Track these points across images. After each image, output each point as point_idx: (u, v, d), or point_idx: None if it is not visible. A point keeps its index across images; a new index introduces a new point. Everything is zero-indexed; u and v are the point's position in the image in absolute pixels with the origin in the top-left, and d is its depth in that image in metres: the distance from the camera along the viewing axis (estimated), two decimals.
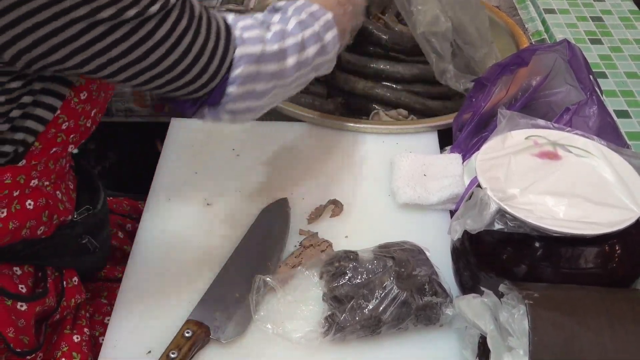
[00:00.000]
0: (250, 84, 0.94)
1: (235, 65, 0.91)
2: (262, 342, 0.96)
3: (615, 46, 1.61)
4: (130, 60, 0.82)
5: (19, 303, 0.94)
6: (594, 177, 0.92)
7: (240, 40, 0.92)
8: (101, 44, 0.78)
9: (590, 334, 0.74)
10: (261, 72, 0.94)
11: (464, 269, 0.96)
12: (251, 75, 0.93)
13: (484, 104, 1.23)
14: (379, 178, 1.23)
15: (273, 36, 0.95)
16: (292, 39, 0.97)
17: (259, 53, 0.93)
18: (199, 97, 0.93)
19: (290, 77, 0.99)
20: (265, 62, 0.94)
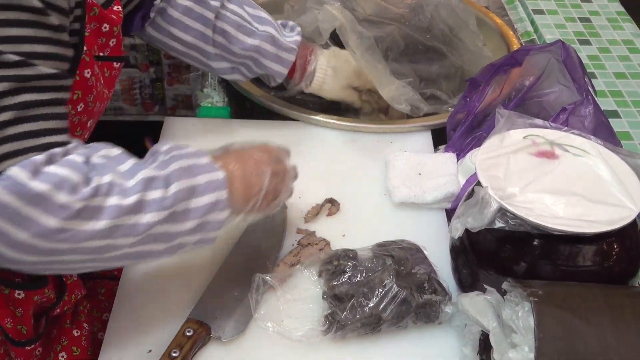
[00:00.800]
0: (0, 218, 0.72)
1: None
2: (263, 340, 0.96)
3: (604, 47, 1.63)
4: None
5: (16, 291, 0.93)
6: (591, 176, 0.93)
7: (31, 163, 0.73)
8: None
9: (593, 329, 0.75)
10: (23, 216, 0.72)
11: (463, 267, 0.97)
12: (5, 207, 0.71)
13: (477, 103, 1.24)
14: (374, 177, 1.24)
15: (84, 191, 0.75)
16: (115, 199, 0.77)
17: (34, 194, 0.72)
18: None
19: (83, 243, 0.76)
20: (36, 208, 0.72)
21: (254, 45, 1.20)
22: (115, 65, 1.01)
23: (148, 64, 1.64)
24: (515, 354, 0.77)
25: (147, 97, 1.73)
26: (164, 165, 0.83)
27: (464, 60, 1.47)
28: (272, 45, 1.22)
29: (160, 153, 0.86)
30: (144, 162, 0.84)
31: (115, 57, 1.00)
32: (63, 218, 0.73)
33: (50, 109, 0.77)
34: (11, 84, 0.73)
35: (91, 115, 0.94)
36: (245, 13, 1.20)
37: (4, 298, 0.92)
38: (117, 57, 1.00)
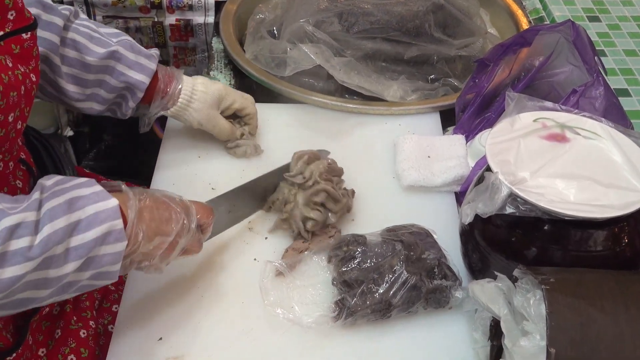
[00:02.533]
0: None
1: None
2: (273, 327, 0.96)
3: (614, 24, 1.61)
4: None
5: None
6: (603, 159, 0.92)
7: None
8: None
9: (606, 317, 0.74)
10: None
11: (473, 252, 0.97)
12: None
13: (486, 84, 1.23)
14: (382, 160, 1.23)
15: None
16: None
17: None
18: None
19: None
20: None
21: (109, 52, 1.07)
22: (24, 36, 0.87)
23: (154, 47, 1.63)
24: (527, 342, 0.76)
25: None
26: (36, 205, 0.75)
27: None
28: (131, 51, 1.09)
29: (39, 190, 0.78)
30: (17, 204, 0.75)
31: (21, 28, 0.87)
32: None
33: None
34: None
35: (9, 110, 0.82)
36: (96, 26, 1.08)
37: None
38: (23, 28, 0.87)
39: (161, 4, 1.56)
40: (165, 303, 0.99)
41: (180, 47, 1.64)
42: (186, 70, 1.66)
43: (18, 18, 0.86)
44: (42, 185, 0.78)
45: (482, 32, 1.45)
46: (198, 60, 1.65)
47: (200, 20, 1.59)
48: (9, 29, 0.85)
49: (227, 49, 1.45)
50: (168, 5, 1.57)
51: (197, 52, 1.64)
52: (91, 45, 1.06)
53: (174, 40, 1.62)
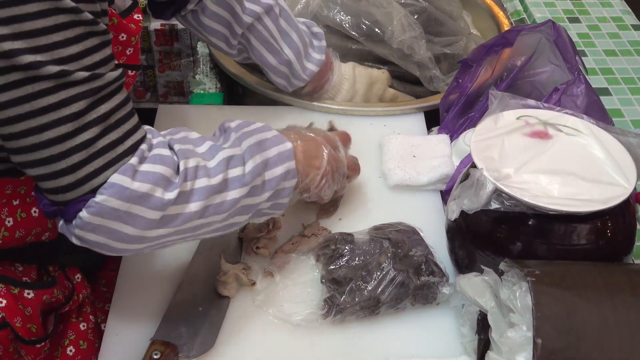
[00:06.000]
0: (108, 220, 0.78)
1: (101, 190, 0.76)
2: (263, 326, 0.97)
3: (593, 24, 1.64)
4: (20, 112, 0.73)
5: (25, 291, 0.94)
6: (585, 155, 0.94)
7: (129, 167, 0.78)
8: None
9: (591, 306, 0.76)
10: (132, 214, 0.78)
11: (459, 248, 0.98)
12: (113, 211, 0.77)
13: (470, 84, 1.25)
14: (368, 160, 1.24)
15: (176, 181, 0.81)
16: (203, 181, 0.83)
17: (139, 194, 0.78)
18: (57, 202, 0.79)
19: (181, 226, 0.83)
20: (141, 206, 0.78)
21: (270, 64, 1.22)
22: (130, 73, 1.01)
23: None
24: (513, 333, 0.78)
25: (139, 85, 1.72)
26: (238, 142, 0.89)
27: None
28: (287, 68, 1.23)
29: (231, 130, 0.91)
30: (218, 141, 0.90)
31: (131, 65, 1.01)
32: (164, 209, 0.80)
33: (124, 110, 0.79)
34: (87, 100, 0.75)
35: None
36: (276, 30, 1.19)
37: (13, 297, 0.92)
38: (132, 65, 1.01)
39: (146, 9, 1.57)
40: (155, 303, 0.99)
41: (165, 52, 1.65)
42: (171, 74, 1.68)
43: (132, 57, 1.00)
44: (228, 127, 0.93)
45: (466, 33, 1.47)
46: (183, 65, 1.66)
47: None
48: (122, 62, 0.98)
49: (213, 53, 1.46)
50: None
51: (182, 56, 1.65)
52: (262, 50, 1.21)
53: (159, 45, 1.63)
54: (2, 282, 0.93)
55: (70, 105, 0.74)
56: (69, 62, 0.73)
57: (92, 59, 0.76)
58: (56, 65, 0.72)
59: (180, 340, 0.93)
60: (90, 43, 0.76)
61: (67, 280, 1.02)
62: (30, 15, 0.70)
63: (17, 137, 0.74)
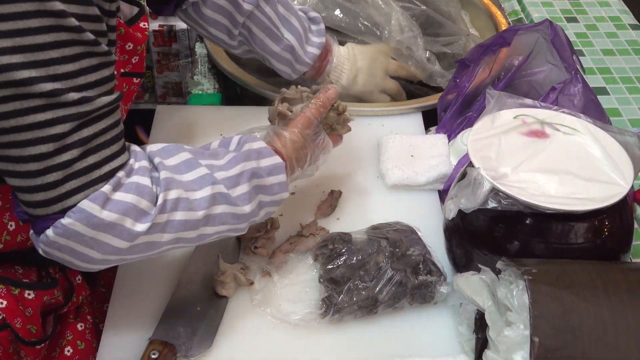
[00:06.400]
0: (73, 242, 0.78)
1: (69, 213, 0.76)
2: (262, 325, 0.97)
3: (591, 24, 1.64)
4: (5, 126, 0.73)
5: (26, 291, 0.94)
6: (582, 154, 0.94)
7: (100, 195, 0.77)
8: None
9: (588, 305, 0.76)
10: (98, 241, 0.78)
11: (457, 247, 0.98)
12: (78, 235, 0.77)
13: (467, 84, 1.25)
14: (366, 160, 1.25)
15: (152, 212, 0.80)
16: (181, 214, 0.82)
17: (106, 223, 0.77)
18: (28, 214, 0.79)
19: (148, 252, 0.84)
20: (108, 234, 0.78)
21: (273, 51, 1.21)
22: (135, 81, 1.02)
23: None
24: (510, 332, 0.78)
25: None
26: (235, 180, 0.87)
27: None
28: (290, 54, 1.22)
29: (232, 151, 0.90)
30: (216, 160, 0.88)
31: (136, 73, 1.02)
32: (131, 240, 0.79)
33: (109, 134, 0.79)
34: (73, 123, 0.74)
35: None
36: (276, 15, 1.19)
37: (14, 298, 0.93)
38: (137, 73, 1.02)
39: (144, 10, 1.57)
40: (154, 303, 0.99)
41: (163, 53, 1.65)
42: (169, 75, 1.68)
43: (137, 64, 1.01)
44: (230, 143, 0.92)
45: (465, 33, 1.47)
46: (181, 66, 1.66)
47: (183, 26, 1.60)
48: (127, 70, 1.00)
49: (211, 54, 1.47)
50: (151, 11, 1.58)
51: (181, 57, 1.65)
52: (264, 37, 1.19)
53: (157, 46, 1.63)
54: (2, 283, 0.93)
55: (56, 126, 0.73)
56: (62, 80, 0.73)
57: (86, 79, 0.75)
58: (49, 83, 0.72)
59: (178, 340, 0.93)
60: (88, 63, 0.75)
61: (67, 281, 1.02)
62: (32, 30, 0.70)
63: (0, 147, 0.75)
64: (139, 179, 0.80)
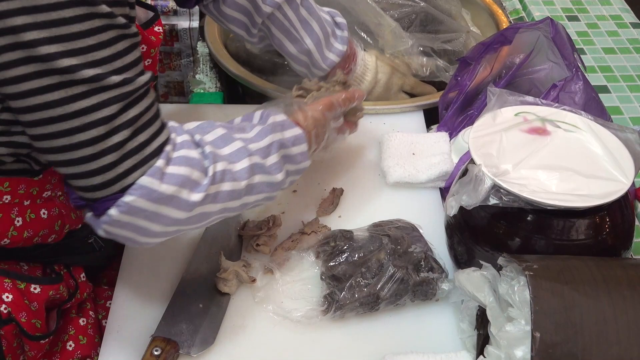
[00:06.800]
0: (136, 218, 0.81)
1: (130, 191, 0.79)
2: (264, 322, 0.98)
3: (592, 22, 1.64)
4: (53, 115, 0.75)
5: (32, 286, 0.95)
6: (583, 151, 0.94)
7: (156, 170, 0.80)
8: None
9: (588, 300, 0.76)
10: (159, 214, 0.81)
11: (458, 244, 0.99)
12: (141, 211, 0.80)
13: (469, 82, 1.25)
14: (368, 158, 1.25)
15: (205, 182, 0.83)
16: (228, 185, 0.86)
17: (166, 196, 0.81)
18: (86, 199, 0.82)
19: (208, 220, 0.88)
20: (168, 206, 0.82)
21: (291, 53, 1.22)
22: None
23: None
24: (512, 327, 0.78)
25: None
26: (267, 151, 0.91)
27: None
28: (307, 58, 1.22)
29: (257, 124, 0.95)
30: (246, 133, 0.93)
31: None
32: (189, 210, 0.83)
33: (151, 111, 0.81)
34: (119, 104, 0.77)
35: None
36: (296, 18, 1.19)
37: (20, 292, 0.93)
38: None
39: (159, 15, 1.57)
40: (156, 300, 1.00)
41: (165, 52, 1.65)
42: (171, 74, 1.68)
43: (150, 67, 1.03)
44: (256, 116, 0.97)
45: (465, 30, 1.47)
46: (183, 65, 1.66)
47: (185, 25, 1.60)
48: None
49: (213, 53, 1.47)
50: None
51: (182, 56, 1.65)
52: (283, 38, 1.21)
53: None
54: (8, 277, 0.93)
55: (103, 110, 0.76)
56: (102, 65, 0.75)
57: (122, 62, 0.77)
58: (90, 69, 0.74)
59: (180, 336, 0.94)
60: (122, 46, 0.77)
61: (72, 278, 1.03)
62: (66, 19, 0.72)
63: (48, 137, 0.76)
64: (186, 152, 0.83)
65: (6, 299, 0.92)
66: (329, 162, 1.23)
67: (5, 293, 0.92)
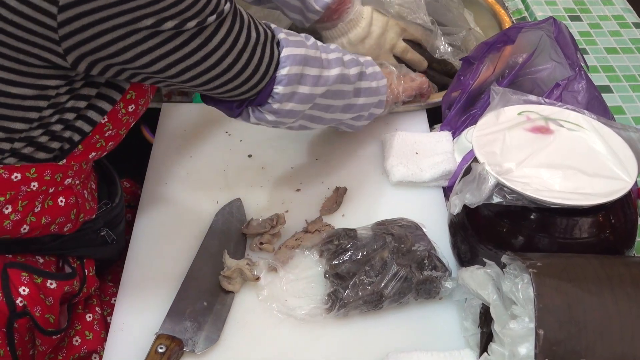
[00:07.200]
0: (295, 85, 0.99)
1: (282, 65, 0.97)
2: (268, 320, 0.98)
3: (594, 22, 1.64)
4: (189, 64, 0.88)
5: (49, 281, 0.95)
6: (586, 150, 0.95)
7: (285, 41, 0.98)
8: (163, 49, 0.84)
9: (592, 297, 0.76)
10: (305, 74, 1.00)
11: (462, 242, 0.99)
12: (296, 76, 0.98)
13: (471, 82, 1.25)
14: (371, 157, 1.25)
15: (313, 44, 1.03)
16: (333, 54, 1.05)
17: (304, 54, 0.99)
18: (248, 98, 0.99)
19: (331, 87, 1.04)
20: (309, 65, 1.00)
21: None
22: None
23: None
24: (515, 325, 0.78)
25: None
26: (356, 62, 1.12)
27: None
28: (300, 1, 1.23)
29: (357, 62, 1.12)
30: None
31: None
32: (329, 68, 1.04)
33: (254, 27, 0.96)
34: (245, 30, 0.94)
35: (136, 117, 0.99)
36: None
37: (36, 287, 0.93)
38: None
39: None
40: (160, 298, 1.00)
41: None
42: None
43: None
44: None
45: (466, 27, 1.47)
46: None
47: None
48: None
49: None
50: None
51: None
52: None
53: None
54: (26, 271, 0.94)
55: (231, 34, 0.90)
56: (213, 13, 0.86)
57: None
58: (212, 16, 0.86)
59: (185, 334, 0.94)
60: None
61: (83, 271, 1.03)
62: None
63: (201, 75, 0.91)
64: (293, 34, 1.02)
65: (23, 292, 0.92)
66: (332, 161, 1.23)
67: (22, 286, 0.92)
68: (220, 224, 1.10)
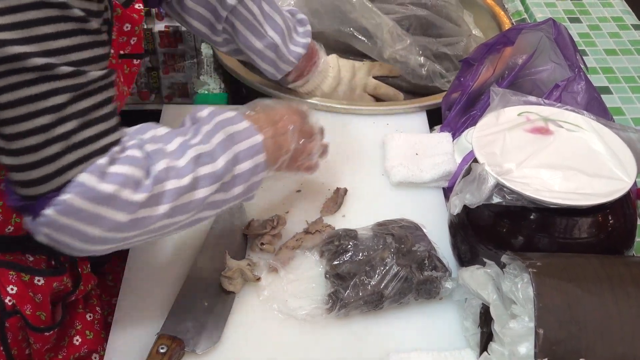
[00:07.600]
0: (74, 220, 0.77)
1: (67, 188, 0.76)
2: (268, 321, 0.98)
3: (594, 24, 1.65)
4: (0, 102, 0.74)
5: (36, 278, 0.95)
6: (586, 150, 0.95)
7: (97, 167, 0.77)
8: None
9: (592, 297, 0.77)
10: (98, 216, 0.78)
11: (462, 243, 0.99)
12: (79, 211, 0.77)
13: (471, 83, 1.26)
14: (371, 158, 1.26)
15: (147, 183, 0.80)
16: (173, 182, 0.82)
17: (105, 195, 0.77)
18: (26, 196, 0.78)
19: (149, 227, 0.83)
20: (108, 207, 0.78)
21: (257, 48, 1.22)
22: (135, 62, 1.04)
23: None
24: (515, 324, 0.79)
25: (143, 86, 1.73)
26: (208, 137, 0.87)
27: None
28: (274, 53, 1.23)
29: (203, 122, 0.90)
30: (187, 134, 0.88)
31: (136, 54, 1.02)
32: (131, 212, 0.79)
33: (105, 108, 0.79)
34: (69, 95, 0.75)
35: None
36: (259, 12, 1.19)
37: (24, 284, 0.94)
38: (137, 54, 1.03)
39: (150, 11, 1.58)
40: (162, 298, 1.00)
41: (169, 54, 1.65)
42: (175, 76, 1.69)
43: (136, 46, 1.02)
44: (200, 117, 0.91)
45: (466, 35, 1.48)
46: (187, 66, 1.67)
47: None
48: (127, 52, 1.01)
49: (217, 54, 1.48)
50: (157, 12, 1.59)
51: (186, 57, 1.66)
52: (247, 33, 1.20)
53: (163, 47, 1.64)
54: (13, 269, 0.94)
55: (52, 98, 0.74)
56: (56, 55, 0.74)
57: (79, 56, 0.76)
58: (43, 58, 0.72)
59: (186, 334, 0.94)
60: (80, 40, 0.76)
61: (76, 269, 1.03)
62: (22, 6, 0.71)
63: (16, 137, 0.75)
64: (133, 152, 0.80)
65: (11, 291, 0.92)
66: (333, 162, 1.23)
67: (10, 285, 0.92)
68: (221, 224, 1.11)
